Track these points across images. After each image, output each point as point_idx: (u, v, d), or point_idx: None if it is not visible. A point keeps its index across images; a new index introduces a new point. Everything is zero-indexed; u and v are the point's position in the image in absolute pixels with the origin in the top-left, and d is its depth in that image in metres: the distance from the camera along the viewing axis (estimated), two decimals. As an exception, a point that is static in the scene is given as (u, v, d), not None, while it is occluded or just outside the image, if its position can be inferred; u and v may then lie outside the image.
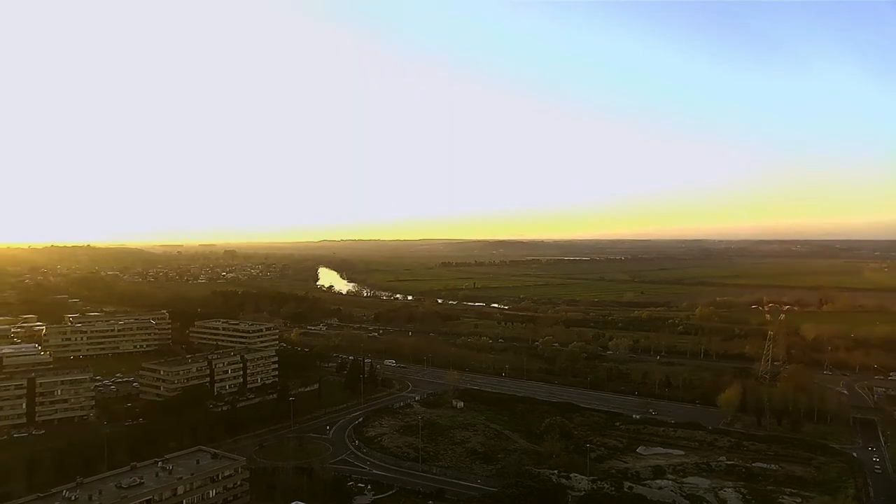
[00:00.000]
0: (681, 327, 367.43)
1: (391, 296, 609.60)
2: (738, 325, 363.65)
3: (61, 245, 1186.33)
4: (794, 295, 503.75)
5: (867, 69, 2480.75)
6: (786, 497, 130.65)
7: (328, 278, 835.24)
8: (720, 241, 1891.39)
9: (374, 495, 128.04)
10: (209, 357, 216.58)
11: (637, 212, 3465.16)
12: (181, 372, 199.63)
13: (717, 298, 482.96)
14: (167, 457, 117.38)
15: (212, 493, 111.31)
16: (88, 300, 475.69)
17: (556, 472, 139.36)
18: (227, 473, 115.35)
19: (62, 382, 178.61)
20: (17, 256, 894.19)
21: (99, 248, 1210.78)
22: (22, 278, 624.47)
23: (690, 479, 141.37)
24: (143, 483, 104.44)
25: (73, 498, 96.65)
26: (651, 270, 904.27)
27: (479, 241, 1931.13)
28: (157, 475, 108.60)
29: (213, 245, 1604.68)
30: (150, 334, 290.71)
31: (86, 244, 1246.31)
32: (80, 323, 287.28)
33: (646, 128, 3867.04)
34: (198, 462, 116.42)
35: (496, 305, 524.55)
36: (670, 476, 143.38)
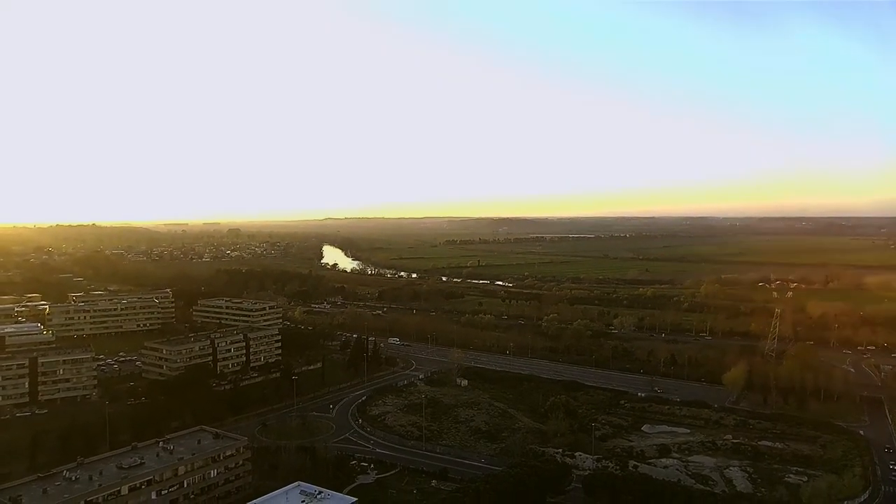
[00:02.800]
0: (686, 305, 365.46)
1: (395, 274, 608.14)
2: (744, 302, 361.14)
3: (66, 224, 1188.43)
4: (799, 272, 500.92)
5: (873, 48, 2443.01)
6: (792, 476, 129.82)
7: (332, 256, 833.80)
8: (725, 219, 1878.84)
9: (377, 474, 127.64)
10: (212, 336, 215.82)
11: (642, 194, 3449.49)
12: (184, 351, 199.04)
13: (723, 276, 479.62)
14: (168, 437, 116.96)
15: (213, 473, 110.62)
16: (93, 279, 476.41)
17: (560, 450, 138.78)
18: (228, 453, 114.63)
19: (64, 362, 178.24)
20: (22, 236, 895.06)
21: (104, 228, 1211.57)
22: (27, 257, 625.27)
23: (696, 458, 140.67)
24: (144, 463, 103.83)
25: (73, 478, 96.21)
26: (655, 248, 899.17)
27: (482, 218, 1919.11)
28: (158, 455, 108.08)
29: (218, 224, 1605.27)
30: (153, 313, 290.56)
31: (91, 223, 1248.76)
32: (83, 302, 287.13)
33: (651, 111, 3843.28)
34: (199, 442, 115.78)
35: (500, 283, 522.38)
36: (675, 454, 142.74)
